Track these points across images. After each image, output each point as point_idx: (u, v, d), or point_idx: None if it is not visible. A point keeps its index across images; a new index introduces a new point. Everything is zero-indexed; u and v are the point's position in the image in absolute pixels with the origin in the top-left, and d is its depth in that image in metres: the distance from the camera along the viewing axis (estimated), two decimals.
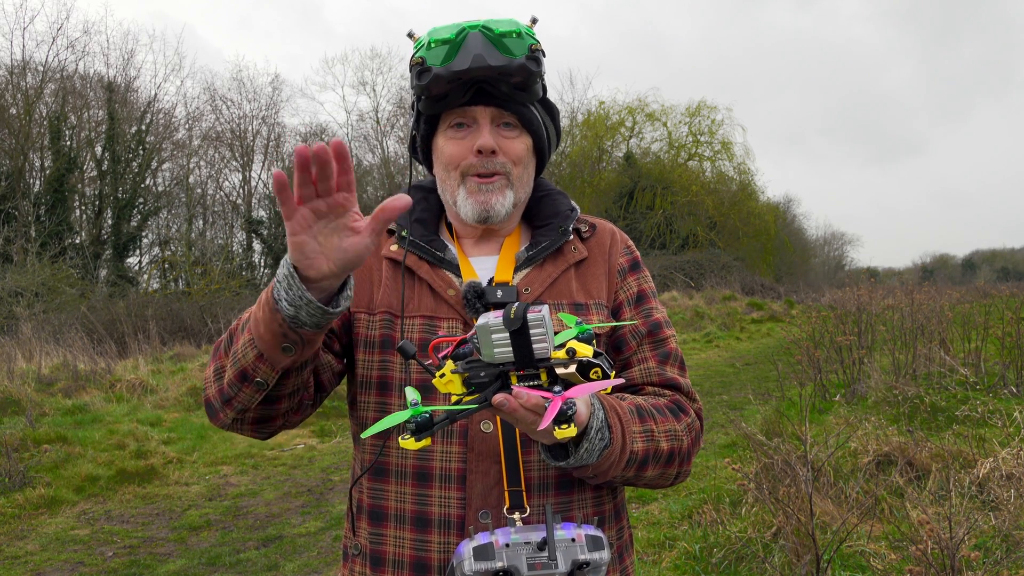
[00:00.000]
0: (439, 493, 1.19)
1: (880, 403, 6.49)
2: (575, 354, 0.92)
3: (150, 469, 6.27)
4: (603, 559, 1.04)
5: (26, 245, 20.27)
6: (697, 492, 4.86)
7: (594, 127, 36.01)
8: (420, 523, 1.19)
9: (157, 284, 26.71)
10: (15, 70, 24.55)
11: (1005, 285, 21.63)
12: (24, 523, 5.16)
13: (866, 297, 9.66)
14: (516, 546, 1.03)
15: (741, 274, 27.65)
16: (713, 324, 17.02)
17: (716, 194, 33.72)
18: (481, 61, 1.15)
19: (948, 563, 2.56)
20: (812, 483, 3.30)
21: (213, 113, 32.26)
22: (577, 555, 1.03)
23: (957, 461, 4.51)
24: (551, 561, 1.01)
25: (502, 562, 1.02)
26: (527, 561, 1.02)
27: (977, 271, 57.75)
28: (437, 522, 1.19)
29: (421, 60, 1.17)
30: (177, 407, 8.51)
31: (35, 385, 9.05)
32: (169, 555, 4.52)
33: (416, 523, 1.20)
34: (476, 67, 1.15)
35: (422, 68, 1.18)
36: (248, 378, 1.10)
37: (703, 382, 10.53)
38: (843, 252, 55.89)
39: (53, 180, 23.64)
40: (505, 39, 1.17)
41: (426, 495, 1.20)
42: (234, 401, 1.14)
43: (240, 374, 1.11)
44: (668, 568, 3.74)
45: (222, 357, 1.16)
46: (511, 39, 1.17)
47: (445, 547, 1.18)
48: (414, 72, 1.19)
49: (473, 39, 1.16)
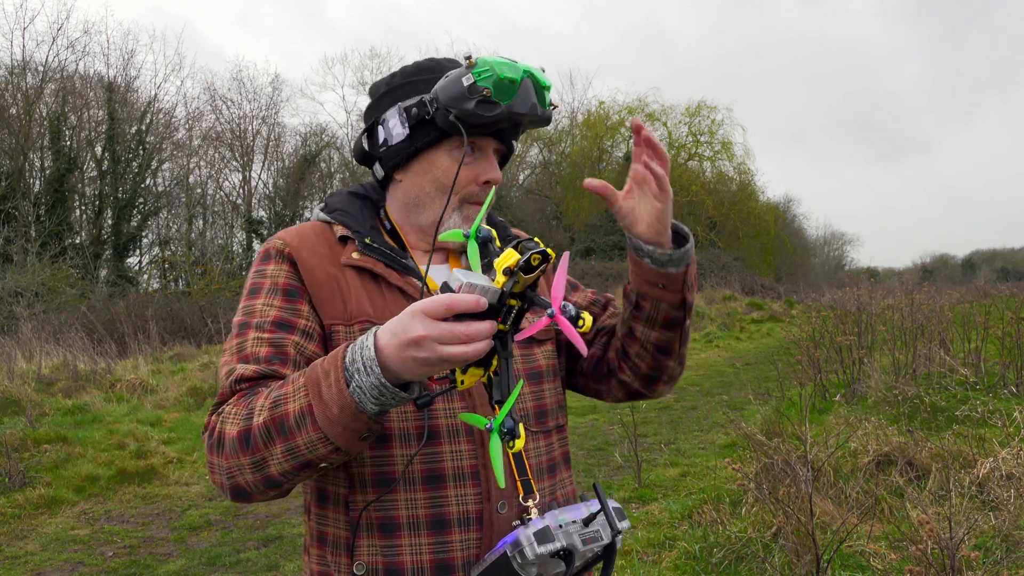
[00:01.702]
0: (455, 492, 1.20)
1: (880, 403, 6.49)
2: (510, 269, 0.96)
3: (150, 469, 6.27)
4: (628, 526, 1.16)
5: (26, 245, 20.27)
6: (697, 492, 4.86)
7: (594, 127, 36.04)
8: (438, 525, 1.19)
9: (157, 284, 26.71)
10: (15, 70, 24.55)
11: (1005, 285, 21.64)
12: (24, 523, 5.16)
13: (866, 297, 9.67)
14: (567, 526, 1.11)
15: (741, 274, 27.66)
16: (713, 324, 17.03)
17: (716, 194, 33.74)
18: (535, 111, 1.23)
19: (948, 563, 2.56)
20: (812, 483, 3.30)
21: (213, 113, 32.24)
22: (615, 524, 1.14)
23: (957, 461, 4.51)
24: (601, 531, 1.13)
25: (561, 542, 1.08)
26: (579, 538, 1.10)
27: (977, 271, 57.73)
28: (456, 521, 1.19)
29: (488, 93, 1.19)
30: (177, 407, 8.51)
31: (35, 385, 9.06)
32: (169, 555, 4.52)
33: (433, 526, 1.19)
34: (529, 114, 1.23)
35: (487, 100, 1.20)
36: (314, 465, 1.07)
37: (703, 382, 10.53)
38: (843, 252, 55.96)
39: (53, 180, 23.65)
40: (545, 92, 1.25)
41: (440, 496, 1.19)
42: (287, 485, 1.11)
43: (304, 464, 1.07)
44: (668, 568, 3.74)
45: (259, 450, 1.06)
46: (547, 93, 1.26)
47: (467, 544, 1.19)
48: (475, 100, 1.19)
49: (527, 85, 1.22)
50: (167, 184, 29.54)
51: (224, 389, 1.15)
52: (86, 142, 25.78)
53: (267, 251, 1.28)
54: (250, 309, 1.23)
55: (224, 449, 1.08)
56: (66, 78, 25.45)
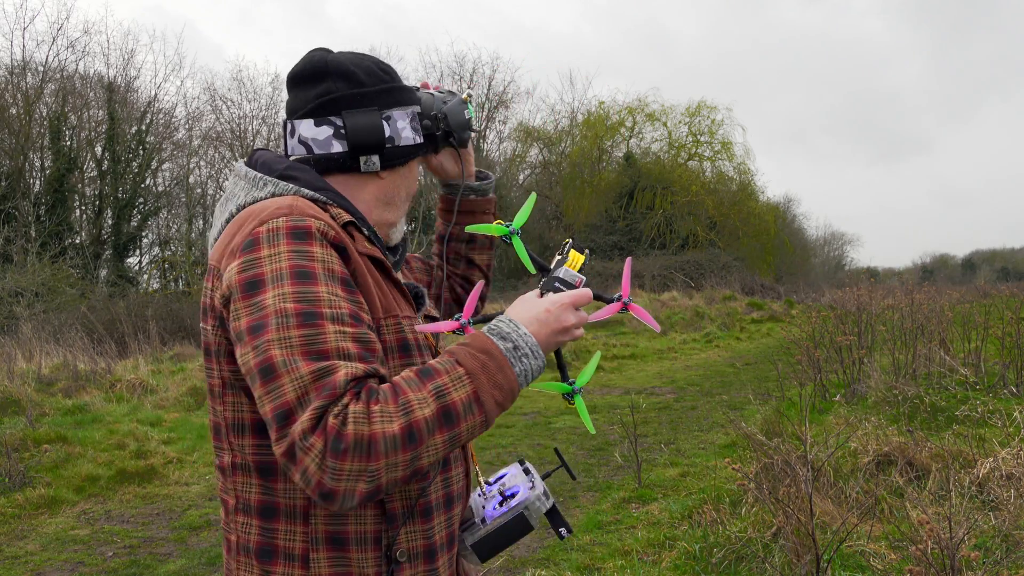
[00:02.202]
0: (455, 472, 1.31)
1: (880, 403, 6.49)
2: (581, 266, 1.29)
3: (150, 469, 6.27)
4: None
5: (26, 245, 20.28)
6: (697, 492, 4.86)
7: (594, 127, 36.01)
8: (448, 503, 1.28)
9: (157, 284, 26.71)
10: (15, 70, 24.56)
11: (1005, 285, 21.63)
12: (24, 523, 5.16)
13: (866, 297, 9.66)
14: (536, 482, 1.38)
15: (741, 274, 27.65)
16: (713, 324, 17.02)
17: (716, 194, 33.72)
18: None
19: (948, 563, 2.56)
20: (812, 483, 3.31)
21: (213, 113, 32.23)
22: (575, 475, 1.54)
23: (957, 461, 4.51)
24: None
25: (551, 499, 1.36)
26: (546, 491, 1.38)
27: (977, 271, 57.73)
28: (457, 497, 1.31)
29: (474, 127, 1.49)
30: (177, 407, 8.51)
31: (35, 385, 9.06)
32: (169, 555, 4.52)
33: (446, 504, 1.28)
34: None
35: (472, 131, 1.48)
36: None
37: (703, 382, 10.53)
38: (843, 252, 55.96)
39: (53, 180, 23.65)
40: None
41: (449, 476, 1.29)
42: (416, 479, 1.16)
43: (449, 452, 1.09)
44: (668, 568, 3.74)
45: (422, 443, 1.03)
46: None
47: (458, 518, 1.33)
48: (467, 130, 1.46)
49: None
50: (167, 184, 29.54)
51: (335, 390, 1.01)
52: (86, 142, 25.78)
53: (307, 230, 1.12)
54: (312, 297, 1.07)
55: (376, 449, 0.99)
56: (66, 78, 25.45)
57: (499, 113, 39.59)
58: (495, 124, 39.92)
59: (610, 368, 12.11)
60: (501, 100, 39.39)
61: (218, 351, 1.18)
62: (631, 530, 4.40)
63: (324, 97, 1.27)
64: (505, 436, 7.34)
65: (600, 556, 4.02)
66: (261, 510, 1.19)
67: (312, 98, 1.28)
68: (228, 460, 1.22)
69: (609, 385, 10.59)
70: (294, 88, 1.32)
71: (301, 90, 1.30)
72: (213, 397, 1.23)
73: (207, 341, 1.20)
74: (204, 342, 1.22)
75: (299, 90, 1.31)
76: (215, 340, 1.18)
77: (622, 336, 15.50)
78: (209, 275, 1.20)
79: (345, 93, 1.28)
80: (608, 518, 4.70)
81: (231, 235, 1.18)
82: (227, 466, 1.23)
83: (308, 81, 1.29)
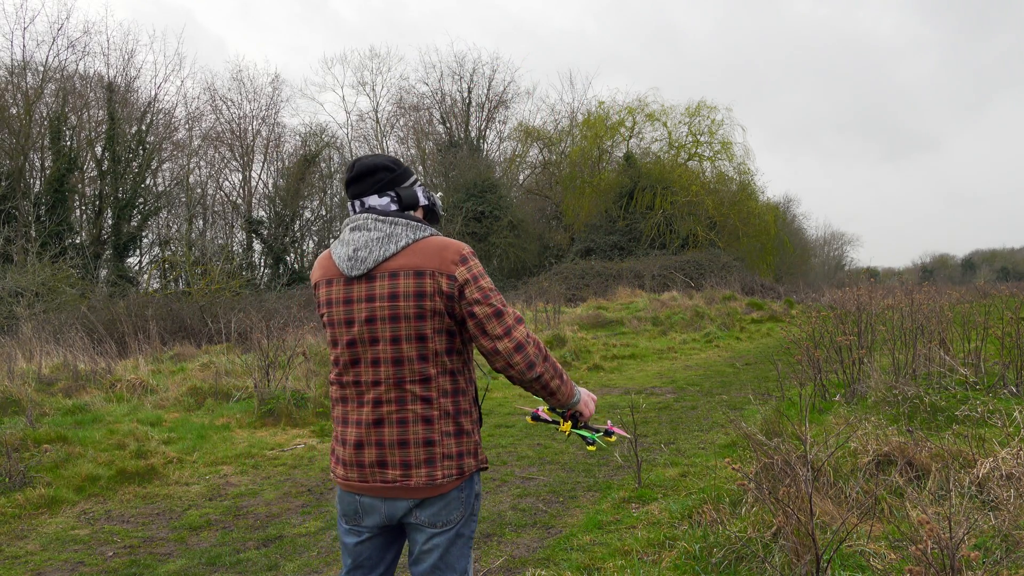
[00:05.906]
0: None
1: (880, 403, 6.49)
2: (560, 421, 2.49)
3: (150, 469, 6.27)
4: None
5: (26, 245, 20.27)
6: (697, 492, 4.86)
7: (594, 127, 36.02)
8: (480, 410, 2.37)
9: (157, 284, 26.71)
10: (15, 70, 24.55)
11: (1005, 285, 21.63)
12: (24, 523, 5.16)
13: (866, 297, 9.65)
14: None
15: (741, 274, 27.64)
16: (713, 324, 17.02)
17: (716, 194, 33.72)
18: None
19: (948, 563, 2.56)
20: (812, 483, 3.31)
21: (213, 113, 32.23)
22: None
23: (957, 461, 4.50)
24: None
25: None
26: None
27: (977, 271, 57.75)
28: None
29: None
30: (177, 407, 8.52)
31: (35, 385, 9.06)
32: (169, 555, 4.52)
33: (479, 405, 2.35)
34: None
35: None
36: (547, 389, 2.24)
37: (703, 382, 10.54)
38: (843, 252, 56.01)
39: (53, 180, 23.64)
40: None
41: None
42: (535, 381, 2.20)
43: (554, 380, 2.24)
44: (668, 568, 3.74)
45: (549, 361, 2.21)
46: None
47: None
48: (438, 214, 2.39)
49: None
50: (167, 184, 29.54)
51: (522, 319, 2.18)
52: (86, 142, 25.78)
53: (473, 253, 2.17)
54: (497, 291, 2.15)
55: (540, 347, 2.18)
56: (66, 78, 25.45)
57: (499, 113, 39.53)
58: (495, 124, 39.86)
59: (610, 368, 12.11)
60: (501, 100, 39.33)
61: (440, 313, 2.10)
62: (631, 530, 4.40)
63: (381, 182, 2.21)
64: (505, 436, 7.35)
65: (600, 556, 4.02)
66: (453, 391, 2.17)
67: (371, 183, 2.20)
68: (434, 371, 2.12)
69: (609, 385, 10.60)
70: (355, 182, 2.21)
71: (362, 182, 2.21)
72: (422, 341, 2.10)
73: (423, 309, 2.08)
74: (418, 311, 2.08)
75: (359, 183, 2.21)
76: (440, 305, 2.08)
77: (622, 336, 15.50)
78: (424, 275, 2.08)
79: (391, 177, 2.23)
80: (608, 518, 4.70)
81: (435, 253, 2.10)
82: (432, 375, 2.11)
83: (366, 175, 2.21)
